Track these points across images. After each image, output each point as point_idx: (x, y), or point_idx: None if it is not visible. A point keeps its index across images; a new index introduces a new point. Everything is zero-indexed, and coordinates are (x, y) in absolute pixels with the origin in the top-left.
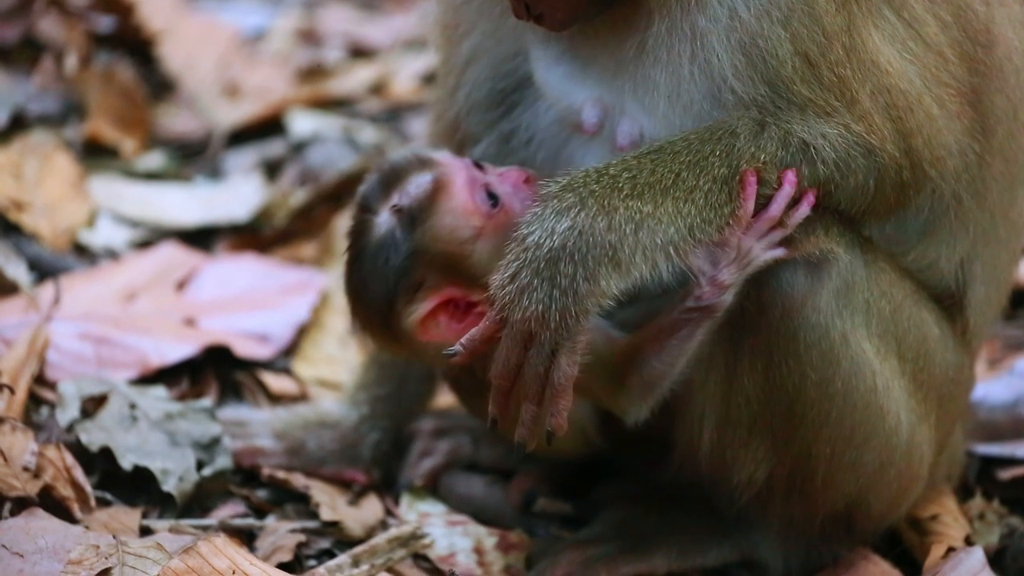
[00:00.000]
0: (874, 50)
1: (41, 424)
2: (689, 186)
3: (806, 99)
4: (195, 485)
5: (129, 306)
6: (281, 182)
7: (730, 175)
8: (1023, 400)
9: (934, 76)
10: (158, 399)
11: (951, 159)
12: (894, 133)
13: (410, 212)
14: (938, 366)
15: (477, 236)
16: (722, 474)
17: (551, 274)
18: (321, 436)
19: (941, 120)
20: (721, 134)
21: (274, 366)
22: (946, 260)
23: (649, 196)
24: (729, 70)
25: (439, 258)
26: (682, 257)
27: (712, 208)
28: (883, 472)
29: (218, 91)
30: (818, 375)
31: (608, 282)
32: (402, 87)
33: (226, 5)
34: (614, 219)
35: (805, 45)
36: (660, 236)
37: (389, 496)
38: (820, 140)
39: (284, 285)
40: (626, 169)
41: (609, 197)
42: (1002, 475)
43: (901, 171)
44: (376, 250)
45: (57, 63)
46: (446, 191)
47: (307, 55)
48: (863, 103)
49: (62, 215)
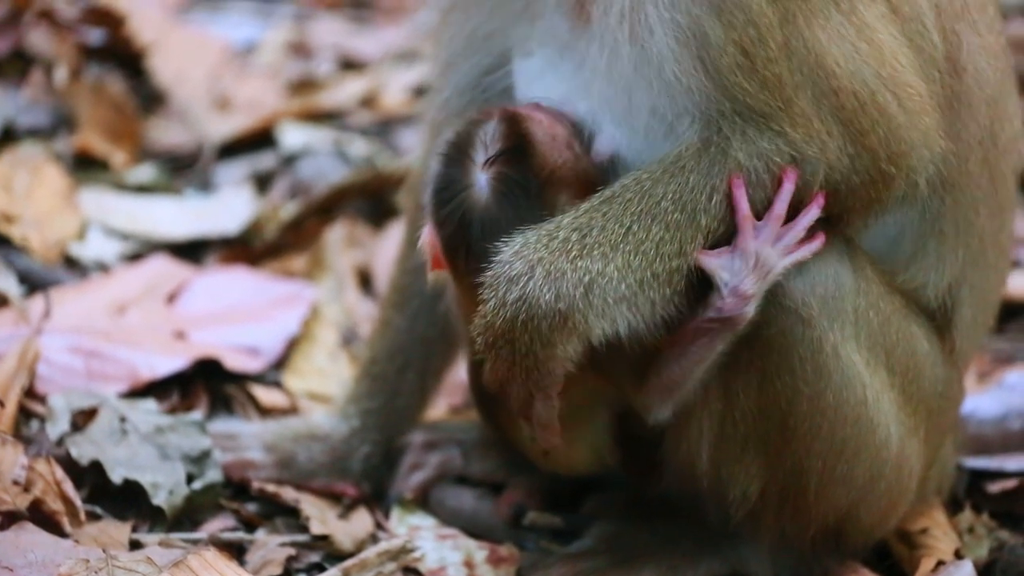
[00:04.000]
0: (819, 51)
1: (31, 438)
2: (639, 239)
3: (746, 92)
4: (185, 499)
5: (119, 319)
6: (272, 195)
7: (684, 220)
8: (1012, 414)
9: (890, 76)
10: (148, 412)
11: (916, 152)
12: (843, 135)
13: (513, 150)
14: (927, 379)
15: (571, 140)
16: (717, 489)
17: (510, 340)
18: (311, 449)
19: (900, 117)
20: (673, 170)
21: (264, 379)
22: (934, 286)
23: (599, 254)
24: (675, 65)
25: (563, 174)
26: (643, 311)
27: (662, 259)
28: (873, 485)
29: (209, 104)
30: (810, 389)
31: (566, 347)
32: (393, 100)
33: (217, 18)
34: (562, 287)
35: (739, 35)
36: (611, 295)
37: (379, 509)
38: (755, 162)
39: (274, 298)
40: (576, 228)
41: (557, 262)
42: (991, 488)
43: (858, 171)
44: (500, 207)
45: (47, 75)
46: (525, 118)
47: (298, 68)
48: (800, 104)
49: (52, 228)
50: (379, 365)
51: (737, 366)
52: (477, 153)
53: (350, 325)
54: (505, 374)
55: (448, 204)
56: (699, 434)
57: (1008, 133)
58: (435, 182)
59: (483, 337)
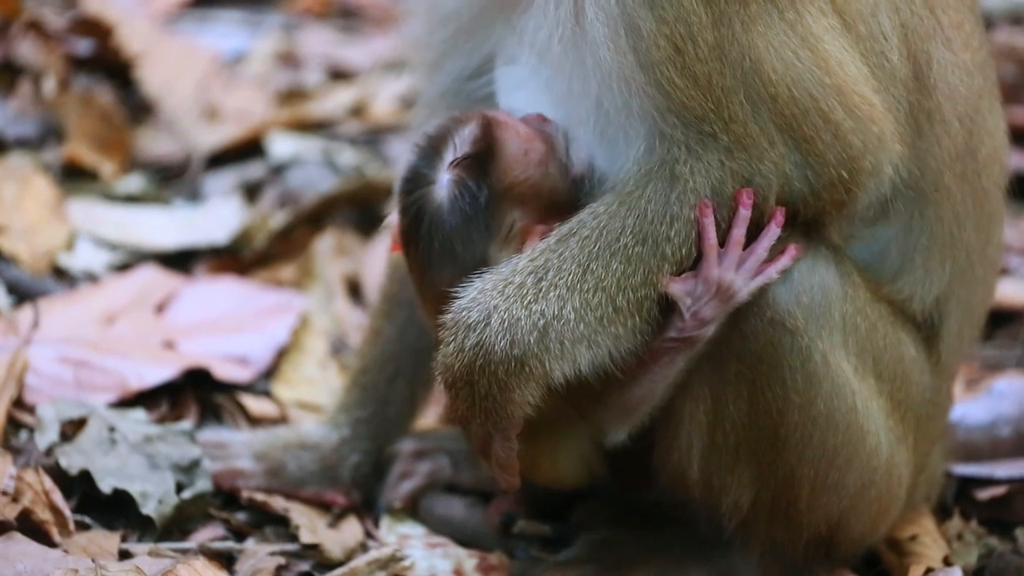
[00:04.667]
0: (755, 57)
1: (20, 448)
2: (598, 276)
3: (676, 87)
4: (174, 508)
5: (108, 329)
6: (261, 204)
7: (647, 251)
8: (1001, 420)
9: (835, 84)
10: (137, 422)
11: (870, 157)
12: (786, 143)
13: (476, 156)
14: (915, 386)
15: (546, 159)
16: (708, 499)
17: (469, 383)
18: (301, 457)
19: (847, 123)
20: (630, 202)
21: (254, 389)
22: (920, 299)
23: (554, 296)
24: (609, 55)
25: (522, 191)
26: (606, 346)
27: (626, 293)
28: (864, 493)
29: (197, 114)
30: (801, 398)
31: (524, 391)
32: (382, 109)
33: (205, 28)
34: (517, 333)
35: (670, 30)
36: (568, 337)
37: (369, 518)
38: (705, 180)
39: (264, 307)
40: (532, 272)
41: (512, 308)
42: (980, 495)
43: (811, 178)
44: (451, 211)
45: (35, 86)
46: (499, 125)
47: (286, 78)
48: (732, 108)
49: (41, 238)
50: (369, 374)
51: (726, 378)
52: (447, 151)
53: (339, 334)
54: (464, 414)
55: (410, 195)
56: (689, 445)
57: (989, 147)
58: (405, 171)
59: (442, 377)
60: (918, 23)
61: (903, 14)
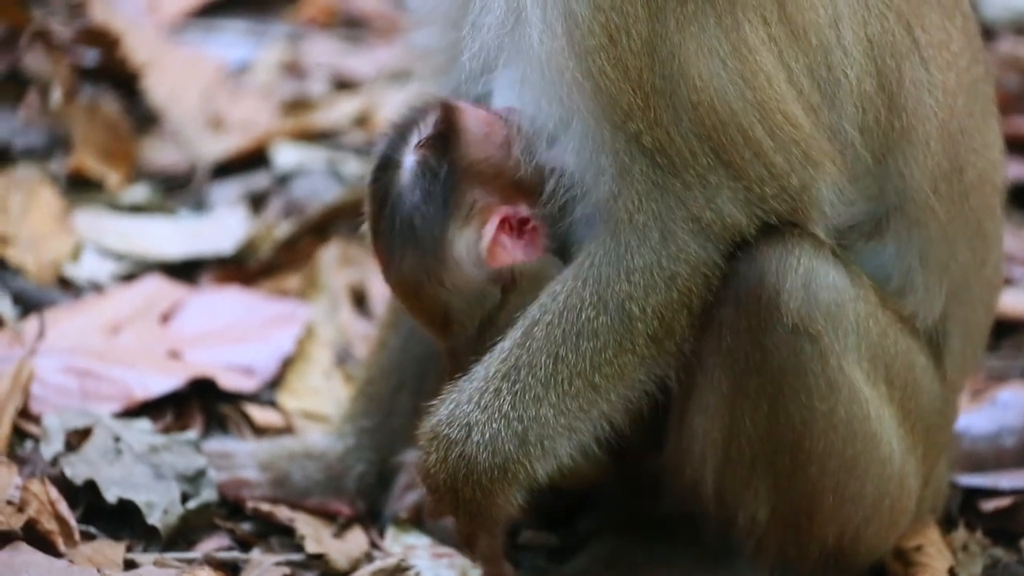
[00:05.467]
0: (684, 59)
1: (25, 458)
2: (570, 361)
3: (607, 77)
4: (180, 518)
5: (114, 339)
6: (266, 214)
7: (614, 319)
8: (1006, 431)
9: (759, 100)
10: (143, 432)
11: (793, 180)
12: (706, 153)
13: (439, 137)
14: (925, 395)
15: (508, 143)
16: (723, 513)
17: (453, 490)
18: (306, 467)
19: (767, 142)
20: (586, 275)
21: (259, 398)
22: (923, 319)
23: (530, 398)
24: (546, 44)
25: (483, 170)
26: (592, 428)
27: (602, 368)
28: (879, 504)
29: (202, 124)
30: (826, 405)
31: (507, 496)
32: (386, 119)
33: (211, 38)
34: (497, 444)
35: (605, 19)
36: (548, 435)
37: (374, 528)
38: (652, 219)
39: (269, 317)
40: (505, 376)
41: (491, 421)
42: (985, 506)
43: (747, 190)
44: (412, 189)
45: (42, 97)
46: (463, 111)
47: (291, 87)
48: (658, 110)
49: (47, 249)
50: (374, 385)
51: (746, 393)
52: (413, 137)
53: (344, 344)
54: (449, 513)
55: (378, 182)
56: (703, 459)
57: (978, 168)
58: (374, 159)
59: (425, 483)
60: (889, 40)
61: (871, 28)
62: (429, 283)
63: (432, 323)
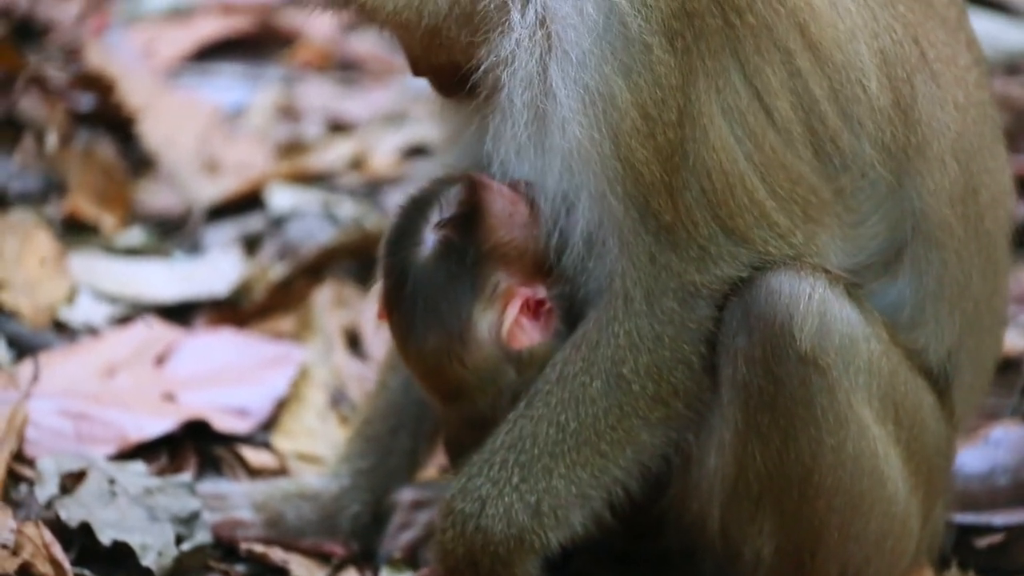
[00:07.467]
0: (708, 123)
1: (20, 501)
2: (574, 430)
3: (639, 162)
4: (174, 560)
5: (108, 382)
6: (260, 257)
7: (609, 384)
8: (998, 469)
9: (764, 158)
10: (137, 474)
11: (799, 234)
12: (710, 223)
13: (463, 216)
14: (931, 435)
15: (530, 222)
16: (727, 549)
17: (472, 563)
18: (300, 508)
19: (769, 203)
20: (578, 340)
21: (253, 440)
22: (934, 351)
23: (540, 468)
24: (579, 132)
25: (507, 252)
26: (605, 493)
27: (606, 434)
28: (881, 543)
29: (198, 167)
30: (834, 439)
31: (524, 565)
32: (381, 162)
33: (206, 82)
34: (512, 516)
35: (647, 98)
36: (561, 504)
37: (368, 569)
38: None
39: (263, 359)
40: (512, 447)
41: (503, 494)
42: (978, 543)
43: (726, 257)
44: (435, 269)
45: (38, 141)
46: (486, 188)
47: (286, 130)
48: (675, 178)
49: (42, 292)
50: (372, 425)
51: (758, 428)
52: (433, 213)
53: (339, 386)
54: None
55: (395, 256)
56: (711, 495)
57: (992, 190)
58: (390, 233)
59: (444, 563)
60: (900, 51)
61: (882, 41)
62: (449, 362)
63: (442, 394)
